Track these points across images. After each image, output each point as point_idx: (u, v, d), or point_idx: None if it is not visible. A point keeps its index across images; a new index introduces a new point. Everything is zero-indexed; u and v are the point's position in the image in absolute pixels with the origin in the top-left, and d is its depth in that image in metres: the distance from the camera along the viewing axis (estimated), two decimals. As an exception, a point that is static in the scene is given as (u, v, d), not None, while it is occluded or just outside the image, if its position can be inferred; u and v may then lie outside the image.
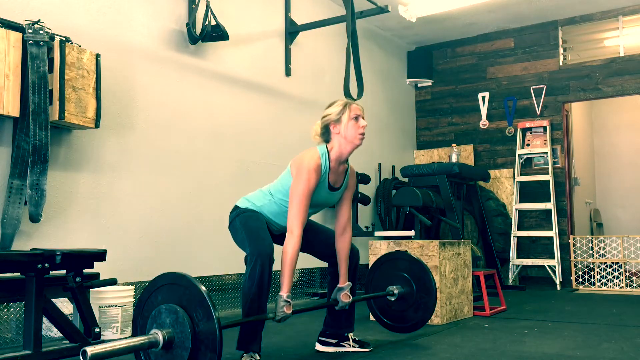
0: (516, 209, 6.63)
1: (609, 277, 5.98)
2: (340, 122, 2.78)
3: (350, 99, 4.11)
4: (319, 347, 3.03)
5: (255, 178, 4.88)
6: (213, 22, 4.37)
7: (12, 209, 3.20)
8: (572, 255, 6.20)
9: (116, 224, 3.83)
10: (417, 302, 3.22)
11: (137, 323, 2.29)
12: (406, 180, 6.33)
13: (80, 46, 3.46)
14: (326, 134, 2.82)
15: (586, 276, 6.16)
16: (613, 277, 5.97)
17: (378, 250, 4.12)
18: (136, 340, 2.12)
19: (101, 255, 3.12)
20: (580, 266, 6.32)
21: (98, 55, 3.55)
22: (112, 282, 3.19)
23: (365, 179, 6.00)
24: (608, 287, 5.93)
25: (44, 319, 2.90)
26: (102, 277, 3.26)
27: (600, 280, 6.02)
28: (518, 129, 6.81)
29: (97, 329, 3.04)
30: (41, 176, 3.25)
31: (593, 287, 6.02)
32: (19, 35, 3.21)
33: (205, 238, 4.44)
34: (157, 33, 4.22)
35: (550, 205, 6.43)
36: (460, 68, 7.38)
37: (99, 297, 3.41)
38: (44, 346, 2.81)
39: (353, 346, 2.99)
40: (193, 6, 4.37)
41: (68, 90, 3.33)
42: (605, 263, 6.04)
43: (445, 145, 7.33)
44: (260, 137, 5.05)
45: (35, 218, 3.27)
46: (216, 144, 4.63)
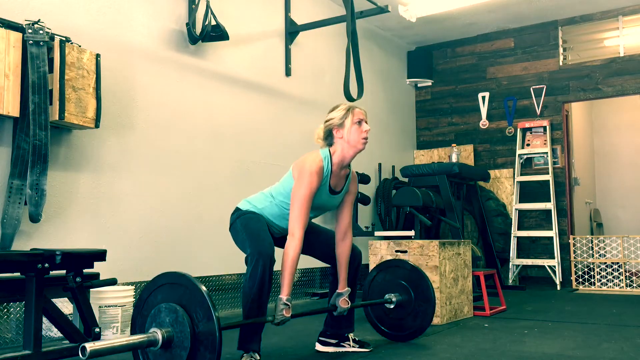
0: (516, 209, 6.63)
1: (609, 277, 5.98)
2: (343, 127, 2.78)
3: (350, 99, 4.11)
4: (319, 347, 3.03)
5: (255, 178, 4.88)
6: (213, 22, 4.37)
7: (12, 209, 3.20)
8: (572, 255, 6.20)
9: (116, 224, 3.83)
10: (416, 310, 3.20)
11: (137, 321, 2.29)
12: (406, 180, 6.33)
13: (80, 46, 3.46)
14: (329, 138, 2.82)
15: (586, 276, 6.16)
16: (613, 277, 5.97)
17: (378, 250, 4.12)
18: (135, 338, 2.12)
19: (101, 255, 3.12)
20: (580, 266, 6.32)
21: (98, 55, 3.55)
22: (112, 282, 3.19)
23: (365, 179, 6.00)
24: (608, 287, 5.93)
25: (44, 319, 2.90)
26: (102, 277, 3.26)
27: (600, 280, 6.02)
28: (518, 129, 6.81)
29: (97, 329, 3.04)
30: (41, 176, 3.25)
31: (593, 287, 6.02)
32: (19, 35, 3.21)
33: (205, 238, 4.44)
34: (157, 33, 4.22)
35: (550, 205, 6.43)
36: (460, 68, 7.38)
37: (99, 297, 3.40)
38: (44, 346, 2.81)
39: (353, 346, 2.99)
40: (193, 6, 4.37)
41: (68, 90, 3.33)
42: (605, 263, 6.04)
43: (445, 145, 7.33)
44: (260, 137, 5.05)
45: (35, 218, 3.27)
46: (216, 144, 4.63)
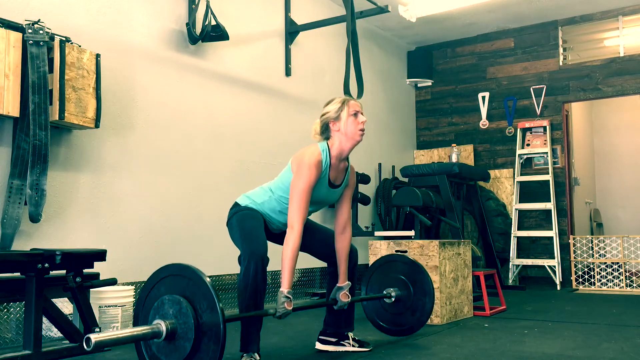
0: (516, 209, 6.63)
1: (609, 277, 5.98)
2: (339, 119, 2.79)
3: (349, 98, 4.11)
4: (319, 346, 3.03)
5: (255, 178, 4.88)
6: (213, 22, 4.37)
7: (12, 209, 3.20)
8: (572, 255, 6.20)
9: (116, 224, 3.83)
10: (415, 305, 3.21)
11: (139, 314, 2.27)
12: (406, 180, 6.33)
13: (80, 46, 3.46)
14: (326, 132, 2.83)
15: (586, 276, 6.16)
16: (613, 277, 5.97)
17: (378, 250, 4.12)
18: (139, 329, 2.10)
19: (101, 255, 3.12)
20: (580, 266, 6.32)
21: (98, 55, 3.55)
22: (112, 282, 3.19)
23: (365, 179, 6.00)
24: (608, 287, 5.93)
25: (44, 319, 2.91)
26: (102, 277, 3.26)
27: (600, 280, 6.02)
28: (518, 129, 6.81)
29: (97, 329, 3.04)
30: (41, 176, 3.25)
31: (593, 287, 6.02)
32: (19, 35, 3.21)
33: (205, 238, 4.44)
34: (157, 33, 4.22)
35: (550, 205, 6.43)
36: (460, 68, 7.38)
37: (99, 297, 3.40)
38: (44, 346, 2.81)
39: (353, 345, 2.99)
40: (193, 6, 4.37)
41: (68, 90, 3.33)
42: (605, 263, 6.04)
43: (445, 145, 7.33)
44: (260, 137, 5.05)
45: (35, 218, 3.27)
46: (216, 144, 4.63)
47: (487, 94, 7.13)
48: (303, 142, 5.40)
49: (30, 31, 3.23)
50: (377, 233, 5.55)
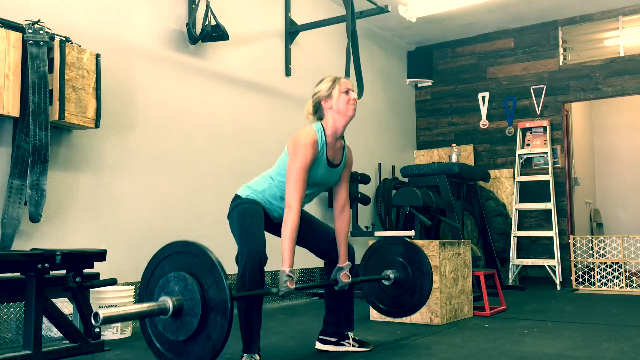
0: (516, 209, 6.63)
1: (609, 277, 5.98)
2: (331, 97, 2.81)
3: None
4: (319, 346, 3.03)
5: (255, 178, 4.87)
6: (213, 22, 4.37)
7: (12, 209, 3.20)
8: (572, 255, 6.19)
9: (116, 224, 3.83)
10: (413, 286, 3.20)
11: (144, 293, 2.24)
12: (406, 180, 6.33)
13: (80, 46, 3.46)
14: (319, 112, 2.85)
15: (586, 276, 6.16)
16: (613, 277, 5.97)
17: (378, 250, 4.11)
18: (146, 306, 2.09)
19: (101, 255, 3.13)
20: (580, 266, 6.32)
21: (98, 55, 3.55)
22: (112, 282, 3.20)
23: (365, 179, 6.00)
24: (608, 287, 5.93)
25: (44, 319, 2.91)
26: (102, 277, 3.26)
27: (600, 280, 6.02)
28: (518, 129, 6.81)
29: (97, 329, 3.05)
30: (41, 176, 3.25)
31: (593, 287, 6.02)
32: (19, 35, 3.21)
33: (205, 238, 4.42)
34: (157, 33, 4.22)
35: (550, 205, 6.43)
36: (460, 68, 7.38)
37: (99, 297, 3.40)
38: (44, 346, 2.81)
39: (353, 345, 2.98)
40: (193, 6, 4.37)
41: (68, 90, 3.33)
42: (605, 263, 6.04)
43: (445, 145, 7.33)
44: (260, 137, 5.05)
45: (35, 218, 3.27)
46: (216, 144, 4.63)
47: (487, 94, 7.13)
48: (303, 142, 5.40)
49: (30, 31, 3.23)
50: (377, 233, 5.55)
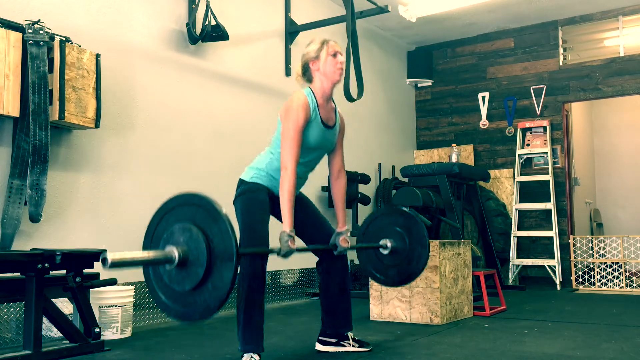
0: (516, 209, 6.63)
1: (609, 277, 5.98)
2: (319, 59, 2.83)
3: (350, 100, 4.12)
4: (319, 347, 3.02)
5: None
6: (213, 22, 4.37)
7: (12, 209, 3.20)
8: (572, 255, 6.19)
9: (116, 224, 3.83)
10: (411, 254, 3.20)
11: (148, 246, 2.24)
12: (406, 180, 6.33)
13: (80, 46, 3.47)
14: (307, 73, 2.87)
15: (586, 276, 6.16)
16: (613, 277, 5.97)
17: (378, 250, 4.11)
18: (152, 253, 2.10)
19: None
20: (580, 266, 6.32)
21: (98, 55, 3.55)
22: (112, 282, 3.20)
23: (365, 179, 6.00)
24: (608, 287, 5.93)
25: (44, 319, 2.91)
26: (102, 277, 3.26)
27: (600, 280, 6.02)
28: (518, 129, 6.81)
29: (97, 329, 3.05)
30: (41, 176, 3.25)
31: (593, 287, 6.02)
32: (19, 35, 3.21)
33: (205, 238, 4.43)
34: (157, 33, 4.22)
35: (550, 205, 6.43)
36: (460, 68, 7.38)
37: (99, 297, 3.41)
38: (44, 346, 2.81)
39: (353, 345, 2.98)
40: (193, 6, 4.37)
41: (68, 90, 3.33)
42: (605, 263, 6.04)
43: (445, 145, 7.33)
44: (260, 137, 5.04)
45: (35, 218, 3.27)
46: (216, 144, 4.63)
47: (487, 94, 7.13)
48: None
49: (30, 31, 3.23)
50: (377, 233, 5.54)
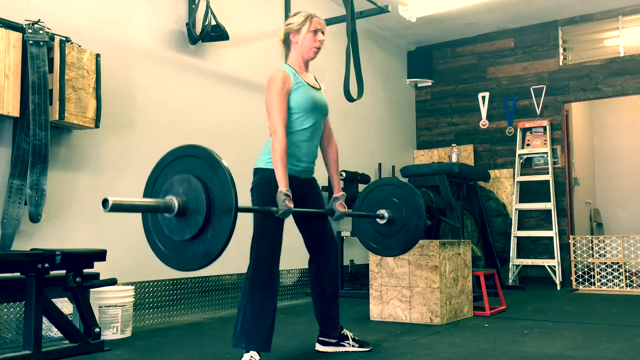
0: (516, 209, 6.63)
1: (609, 277, 5.98)
2: (299, 32, 2.90)
3: (350, 100, 4.12)
4: (319, 347, 3.02)
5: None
6: (213, 22, 4.37)
7: (12, 209, 3.20)
8: (572, 255, 6.19)
9: (116, 224, 3.83)
10: (408, 224, 3.21)
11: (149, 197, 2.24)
12: (406, 180, 6.33)
13: (80, 46, 3.47)
14: (287, 43, 2.93)
15: (586, 276, 6.16)
16: (613, 277, 5.96)
17: (378, 250, 4.11)
18: (153, 200, 2.11)
19: (101, 255, 3.13)
20: (580, 266, 6.32)
21: (98, 55, 3.55)
22: (112, 282, 3.20)
23: (365, 179, 5.99)
24: (608, 287, 5.93)
25: (44, 319, 2.91)
26: (102, 277, 3.27)
27: (600, 280, 6.02)
28: (518, 129, 6.81)
29: (97, 329, 3.05)
30: (41, 176, 3.25)
31: (593, 287, 6.02)
32: (19, 35, 3.21)
33: (205, 238, 4.43)
34: (157, 33, 4.22)
35: (550, 205, 6.43)
36: (460, 68, 7.38)
37: (99, 297, 3.41)
38: (44, 346, 2.81)
39: (353, 345, 2.99)
40: (193, 6, 4.37)
41: (68, 90, 3.33)
42: (605, 263, 6.04)
43: (445, 145, 7.33)
44: (260, 137, 5.03)
45: (35, 218, 3.27)
46: (216, 144, 4.63)
47: (487, 94, 7.13)
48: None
49: (30, 31, 3.23)
50: (377, 233, 5.55)
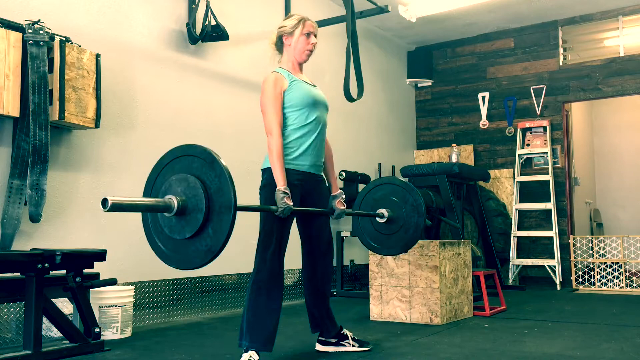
0: (516, 209, 6.63)
1: (609, 277, 5.98)
2: (292, 35, 2.89)
3: (350, 100, 4.12)
4: (319, 347, 3.03)
5: (255, 178, 4.86)
6: (213, 22, 4.37)
7: (12, 209, 3.20)
8: (572, 255, 6.19)
9: (116, 224, 3.83)
10: (408, 223, 3.22)
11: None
12: (406, 180, 6.33)
13: (80, 46, 3.47)
14: (279, 45, 2.93)
15: (586, 276, 6.16)
16: (613, 277, 5.96)
17: (378, 250, 4.11)
18: (153, 200, 2.12)
19: (101, 255, 3.13)
20: (580, 266, 6.32)
21: (98, 55, 3.55)
22: (112, 282, 3.20)
23: (365, 179, 6.00)
24: (608, 287, 5.93)
25: (44, 319, 2.91)
26: (102, 277, 3.27)
27: (600, 280, 6.02)
28: (518, 129, 6.81)
29: (97, 329, 3.05)
30: (41, 176, 3.25)
31: (593, 287, 6.02)
32: (19, 35, 3.21)
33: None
34: (157, 33, 4.22)
35: (550, 205, 6.43)
36: (460, 68, 7.38)
37: (99, 297, 3.41)
38: (44, 346, 2.81)
39: (353, 345, 2.99)
40: (193, 6, 4.37)
41: (68, 90, 3.33)
42: (605, 263, 6.04)
43: (445, 145, 7.33)
44: (260, 137, 5.02)
45: (35, 218, 3.27)
46: (216, 144, 4.63)
47: (487, 94, 7.13)
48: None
49: (30, 31, 3.23)
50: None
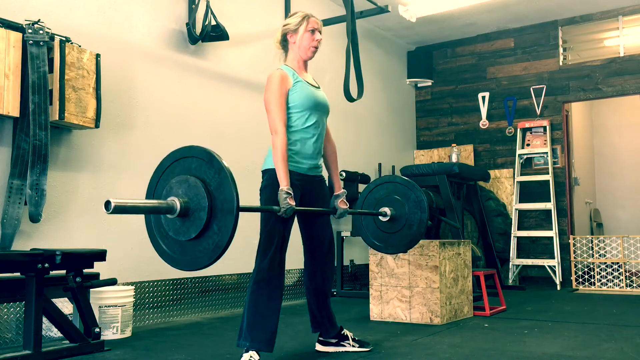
0: (516, 209, 6.63)
1: (609, 277, 5.98)
2: (297, 32, 2.89)
3: (350, 100, 4.12)
4: (319, 347, 3.03)
5: (255, 178, 4.86)
6: (213, 22, 4.37)
7: (12, 209, 3.20)
8: (572, 255, 6.19)
9: (116, 224, 3.83)
10: (411, 219, 3.22)
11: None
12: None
13: (80, 46, 3.47)
14: (284, 44, 2.93)
15: (586, 276, 6.16)
16: (613, 277, 5.96)
17: (378, 250, 4.11)
18: (155, 202, 2.13)
19: (101, 255, 3.13)
20: (580, 266, 6.32)
21: (98, 55, 3.55)
22: (112, 282, 3.20)
23: (365, 179, 6.00)
24: (608, 287, 5.93)
25: (44, 319, 2.91)
26: (102, 277, 3.27)
27: (600, 280, 6.02)
28: (518, 129, 6.81)
29: (97, 329, 3.05)
30: (41, 176, 3.25)
31: (593, 287, 6.02)
32: (19, 35, 3.21)
33: (205, 238, 4.43)
34: (157, 33, 4.22)
35: (550, 205, 6.43)
36: (460, 68, 7.38)
37: (99, 297, 3.41)
38: (44, 346, 2.81)
39: (353, 345, 2.99)
40: (193, 6, 4.37)
41: (68, 90, 3.33)
42: (605, 263, 6.04)
43: (445, 145, 7.33)
44: (260, 137, 5.05)
45: (35, 218, 3.27)
46: (216, 144, 4.63)
47: (487, 94, 7.13)
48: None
49: (30, 31, 3.23)
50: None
